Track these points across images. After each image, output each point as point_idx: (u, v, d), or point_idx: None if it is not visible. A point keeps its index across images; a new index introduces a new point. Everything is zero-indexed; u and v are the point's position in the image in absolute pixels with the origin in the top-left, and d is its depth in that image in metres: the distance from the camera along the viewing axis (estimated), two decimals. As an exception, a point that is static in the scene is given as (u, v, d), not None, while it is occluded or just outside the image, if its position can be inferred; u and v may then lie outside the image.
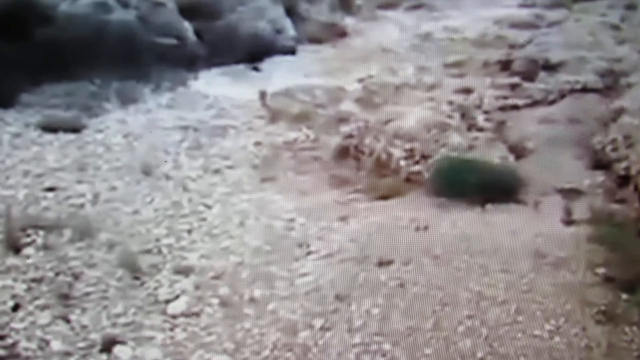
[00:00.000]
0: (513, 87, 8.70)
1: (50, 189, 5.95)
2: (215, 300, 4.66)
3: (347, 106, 8.18)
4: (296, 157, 6.99)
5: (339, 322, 4.38)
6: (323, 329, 4.32)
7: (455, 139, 7.04)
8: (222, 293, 4.73)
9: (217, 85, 8.94)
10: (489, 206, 5.83)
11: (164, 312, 4.54)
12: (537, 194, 6.06)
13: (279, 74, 9.53)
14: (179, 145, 7.08)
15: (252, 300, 4.66)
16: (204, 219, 5.72)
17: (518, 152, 6.94)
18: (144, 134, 7.27)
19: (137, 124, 7.50)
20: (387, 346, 4.15)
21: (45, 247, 5.07)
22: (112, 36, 8.42)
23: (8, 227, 5.13)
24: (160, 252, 5.22)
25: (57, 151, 6.70)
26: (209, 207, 5.93)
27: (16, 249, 4.99)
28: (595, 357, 4.05)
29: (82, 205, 5.76)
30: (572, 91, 8.35)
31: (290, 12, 11.22)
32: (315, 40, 11.20)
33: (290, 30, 10.84)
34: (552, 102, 8.21)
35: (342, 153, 6.95)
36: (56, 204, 5.73)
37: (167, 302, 4.64)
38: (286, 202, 6.05)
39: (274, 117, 7.93)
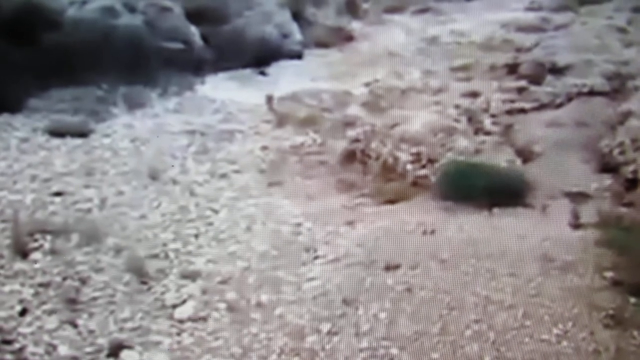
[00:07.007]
0: (520, 90, 8.67)
1: (58, 194, 5.97)
2: (222, 305, 4.66)
3: (354, 110, 8.18)
4: (303, 161, 7.00)
5: (346, 326, 4.37)
6: (330, 333, 4.32)
7: (462, 142, 7.03)
8: (229, 298, 4.73)
9: (224, 90, 8.97)
10: (496, 210, 5.82)
11: (171, 317, 4.55)
12: (545, 197, 6.05)
13: (286, 78, 9.55)
14: (186, 149, 7.10)
15: (259, 304, 4.66)
16: (210, 224, 5.73)
17: (525, 155, 6.92)
18: (151, 138, 7.29)
19: (144, 129, 7.52)
20: (394, 350, 4.14)
21: (53, 251, 5.09)
22: (119, 41, 8.46)
23: (15, 232, 5.15)
24: (167, 256, 5.22)
25: (65, 156, 6.72)
26: (215, 211, 5.93)
27: (24, 254, 5.01)
28: (604, 361, 4.04)
29: (89, 210, 5.78)
30: (579, 94, 8.32)
31: (297, 16, 11.25)
32: (322, 44, 11.22)
33: (296, 34, 10.87)
34: (559, 106, 8.19)
35: (349, 157, 6.95)
36: (63, 208, 5.75)
37: (174, 306, 4.65)
38: (293, 206, 6.06)
39: (281, 121, 7.94)
